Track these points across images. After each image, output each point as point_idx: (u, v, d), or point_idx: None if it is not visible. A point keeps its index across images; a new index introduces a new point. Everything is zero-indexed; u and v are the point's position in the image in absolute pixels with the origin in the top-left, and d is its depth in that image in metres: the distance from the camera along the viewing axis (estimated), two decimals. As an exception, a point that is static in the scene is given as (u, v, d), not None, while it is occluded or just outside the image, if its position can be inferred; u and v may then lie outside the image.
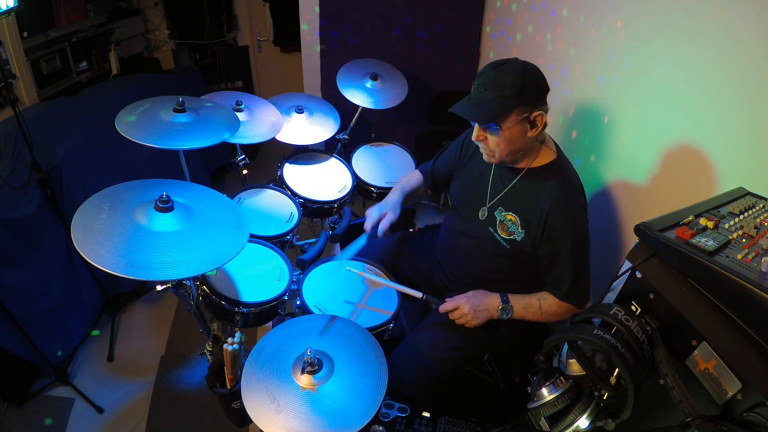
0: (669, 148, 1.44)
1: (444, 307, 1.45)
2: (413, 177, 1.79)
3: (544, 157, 1.39)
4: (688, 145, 1.34)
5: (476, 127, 1.31)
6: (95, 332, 2.28)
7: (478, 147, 1.55)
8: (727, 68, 1.20)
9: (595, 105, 1.79)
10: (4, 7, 2.05)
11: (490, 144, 1.32)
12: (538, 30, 2.21)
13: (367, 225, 1.58)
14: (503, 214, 1.43)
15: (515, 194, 1.41)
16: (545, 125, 1.32)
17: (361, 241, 1.57)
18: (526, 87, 1.22)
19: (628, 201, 1.64)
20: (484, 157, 1.39)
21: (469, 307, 1.42)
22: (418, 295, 1.47)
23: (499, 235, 1.44)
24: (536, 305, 1.43)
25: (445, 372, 1.50)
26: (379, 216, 1.58)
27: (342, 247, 2.01)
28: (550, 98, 1.34)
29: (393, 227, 1.60)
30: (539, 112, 1.27)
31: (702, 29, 1.27)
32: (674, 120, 1.41)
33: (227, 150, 2.89)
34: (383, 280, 1.53)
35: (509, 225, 1.42)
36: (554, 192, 1.33)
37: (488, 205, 1.47)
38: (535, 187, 1.38)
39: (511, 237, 1.42)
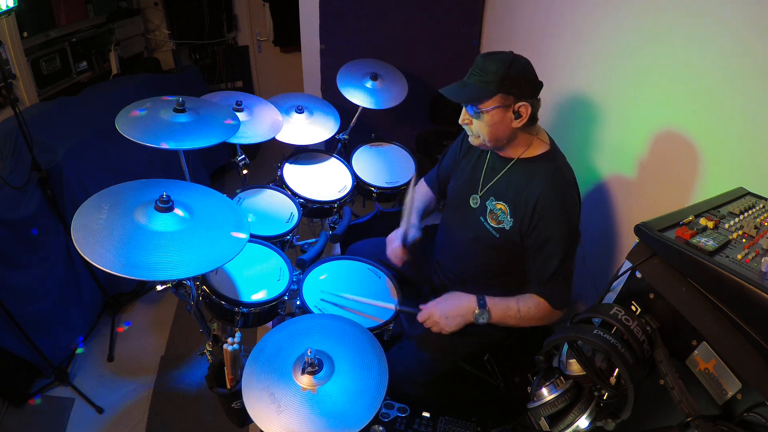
0: (669, 148, 1.44)
1: (420, 317, 1.45)
2: (421, 192, 1.79)
3: (536, 149, 1.40)
4: (688, 145, 1.34)
5: (463, 110, 1.38)
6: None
7: None
8: (728, 67, 1.21)
9: (594, 104, 1.79)
10: (4, 7, 2.05)
11: (474, 128, 1.38)
12: (539, 29, 2.21)
13: (390, 250, 1.59)
14: (494, 203, 1.45)
15: (506, 183, 1.43)
16: (533, 117, 1.35)
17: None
18: (509, 76, 1.27)
19: (628, 201, 1.64)
20: (470, 139, 1.43)
21: (439, 313, 1.42)
22: (391, 306, 1.48)
23: (488, 224, 1.45)
24: (515, 308, 1.41)
25: (440, 368, 1.50)
26: (404, 233, 1.59)
27: (342, 248, 2.01)
28: (551, 96, 1.35)
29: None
30: (523, 103, 1.30)
31: (703, 28, 1.27)
32: (674, 120, 1.41)
33: (227, 150, 2.89)
34: (358, 297, 1.51)
35: (499, 214, 1.43)
36: (544, 182, 1.35)
37: (480, 194, 1.49)
38: (525, 176, 1.39)
39: (500, 226, 1.43)
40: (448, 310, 1.42)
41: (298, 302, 1.53)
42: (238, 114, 1.82)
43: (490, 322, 1.43)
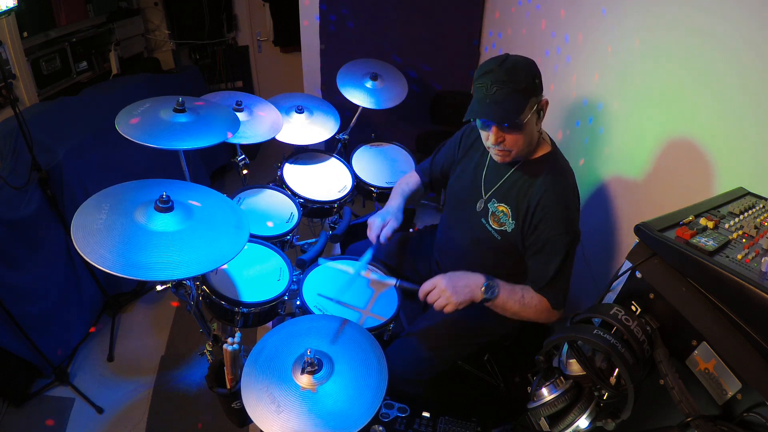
0: (669, 147, 1.44)
1: (423, 289, 1.37)
2: (411, 179, 1.78)
3: (540, 150, 1.40)
4: (689, 145, 1.34)
5: (494, 129, 1.28)
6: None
7: (475, 141, 1.55)
8: (729, 66, 1.20)
9: (594, 103, 1.79)
10: (4, 7, 2.05)
11: (508, 143, 1.30)
12: (540, 29, 2.21)
13: (371, 235, 1.53)
14: (496, 205, 1.44)
15: (509, 186, 1.42)
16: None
17: (367, 255, 1.55)
18: (534, 77, 1.25)
19: (628, 201, 1.64)
20: (498, 158, 1.36)
21: (446, 282, 1.32)
22: (392, 282, 1.43)
23: (490, 226, 1.45)
24: (519, 294, 1.37)
25: (440, 368, 1.49)
26: (382, 223, 1.54)
27: (342, 248, 2.01)
28: (552, 98, 1.35)
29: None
30: (545, 99, 1.29)
31: (705, 25, 1.27)
32: (675, 119, 1.41)
33: (227, 150, 2.89)
34: (358, 270, 1.49)
35: (501, 216, 1.42)
36: (547, 184, 1.34)
37: (485, 197, 1.47)
38: (528, 179, 1.38)
39: (502, 228, 1.42)
40: (456, 280, 1.34)
41: (298, 302, 1.53)
42: (238, 114, 1.82)
43: (497, 302, 1.36)
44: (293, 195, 1.96)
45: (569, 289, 1.39)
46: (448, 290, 1.31)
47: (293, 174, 2.08)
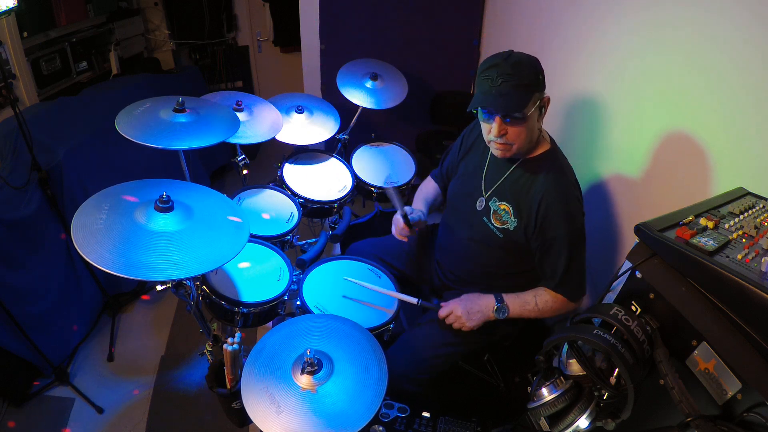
0: (669, 147, 1.44)
1: (440, 314, 1.46)
2: (429, 186, 1.80)
3: (539, 148, 1.41)
4: (689, 145, 1.34)
5: (497, 121, 1.29)
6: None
7: (475, 141, 1.56)
8: (730, 65, 1.20)
9: (595, 104, 1.79)
10: (4, 7, 2.05)
11: (510, 137, 1.31)
12: (540, 29, 2.21)
13: (395, 230, 1.57)
14: (497, 204, 1.44)
15: (510, 184, 1.42)
16: None
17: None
18: (538, 73, 1.27)
19: (628, 201, 1.64)
20: (498, 152, 1.37)
21: (462, 309, 1.43)
22: (413, 301, 1.48)
23: (492, 224, 1.45)
24: (532, 302, 1.43)
25: (441, 367, 1.50)
26: (402, 212, 1.54)
27: (342, 248, 2.01)
28: (552, 97, 1.35)
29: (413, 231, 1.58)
30: (547, 96, 1.31)
31: (706, 23, 1.27)
32: (675, 119, 1.41)
33: (227, 150, 2.89)
34: (380, 287, 1.54)
35: (503, 214, 1.43)
36: (548, 182, 1.35)
37: (485, 196, 1.48)
38: (529, 177, 1.39)
39: (504, 226, 1.43)
40: (470, 307, 1.43)
41: (298, 302, 1.53)
42: (238, 114, 1.82)
43: (510, 317, 1.44)
44: (293, 195, 1.96)
45: (585, 278, 1.42)
46: (463, 317, 1.42)
47: (293, 174, 2.08)
